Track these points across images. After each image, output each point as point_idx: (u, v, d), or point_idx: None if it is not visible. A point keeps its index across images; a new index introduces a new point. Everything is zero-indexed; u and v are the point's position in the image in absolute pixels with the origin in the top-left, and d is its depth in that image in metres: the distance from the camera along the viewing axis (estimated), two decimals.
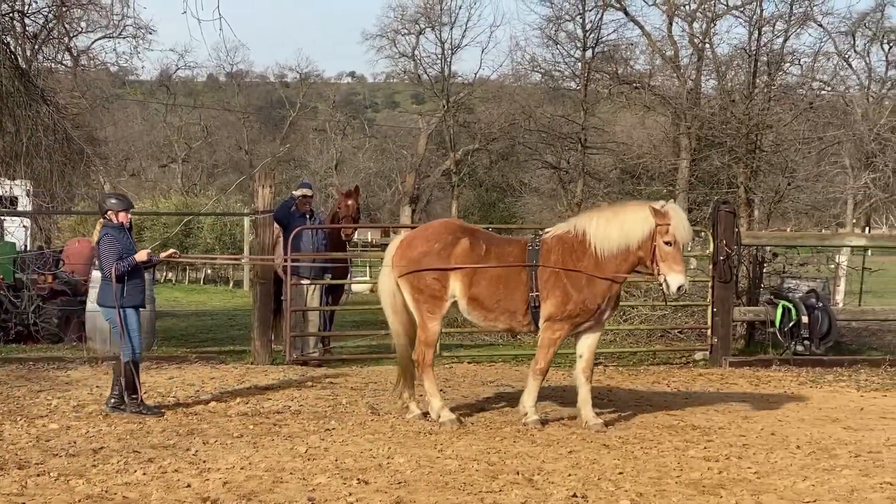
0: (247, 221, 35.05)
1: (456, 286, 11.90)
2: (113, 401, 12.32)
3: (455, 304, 12.07)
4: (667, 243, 11.35)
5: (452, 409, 12.22)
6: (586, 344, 12.05)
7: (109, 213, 12.51)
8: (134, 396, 12.27)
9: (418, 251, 12.04)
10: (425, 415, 12.10)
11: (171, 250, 13.29)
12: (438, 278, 11.89)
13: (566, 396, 13.72)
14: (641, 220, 11.48)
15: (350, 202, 17.82)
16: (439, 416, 11.90)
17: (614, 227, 11.58)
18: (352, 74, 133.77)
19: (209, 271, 48.37)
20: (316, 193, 21.27)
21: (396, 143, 70.38)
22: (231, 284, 44.86)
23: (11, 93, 17.94)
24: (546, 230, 12.40)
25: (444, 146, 60.57)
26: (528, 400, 12.03)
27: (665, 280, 11.43)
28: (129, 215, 12.68)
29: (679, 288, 11.39)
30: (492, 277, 11.87)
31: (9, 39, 19.55)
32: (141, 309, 12.55)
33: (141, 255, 12.31)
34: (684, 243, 11.60)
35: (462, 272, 11.84)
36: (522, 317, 11.93)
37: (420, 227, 13.19)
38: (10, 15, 20.17)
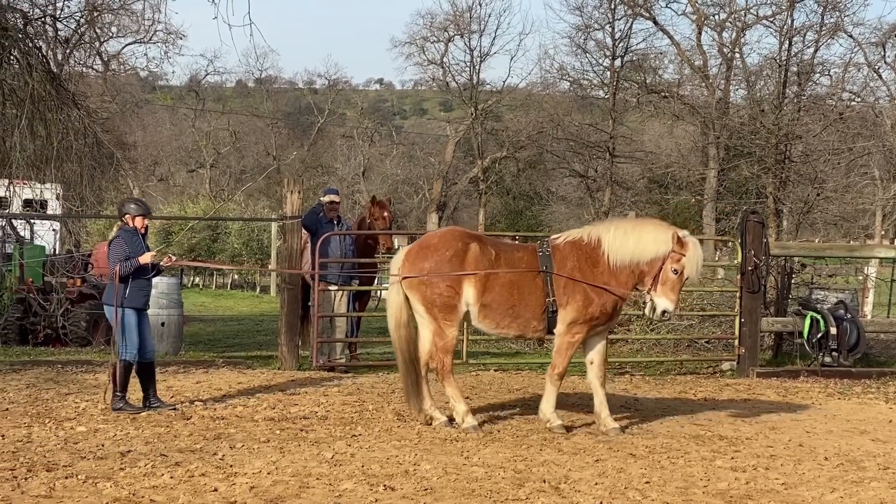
0: (274, 227, 35.13)
1: (469, 292, 11.87)
2: (146, 401, 12.53)
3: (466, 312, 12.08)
4: (674, 271, 11.64)
5: (477, 416, 12.23)
6: (596, 349, 12.24)
7: (126, 216, 12.66)
8: (119, 394, 12.45)
9: (431, 261, 11.96)
10: (451, 421, 12.09)
11: (167, 255, 13.40)
12: (452, 285, 11.85)
13: (592, 404, 13.71)
14: (661, 240, 11.73)
15: (386, 214, 17.86)
16: (464, 421, 11.90)
17: (631, 240, 11.82)
18: (380, 81, 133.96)
19: (236, 276, 48.49)
20: (343, 200, 21.29)
21: (424, 151, 70.51)
22: (258, 290, 44.94)
23: (43, 97, 18.01)
24: (555, 236, 12.47)
25: (472, 154, 60.61)
26: (548, 407, 12.07)
27: (654, 300, 11.80)
28: (146, 221, 12.81)
29: (664, 313, 11.83)
30: (505, 283, 11.90)
31: (41, 44, 19.62)
32: (145, 311, 12.76)
33: (145, 258, 12.44)
34: (689, 278, 11.88)
35: (475, 277, 11.85)
36: (538, 322, 11.99)
37: (424, 237, 13.10)
38: (43, 19, 20.25)
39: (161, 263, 13.01)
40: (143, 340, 12.64)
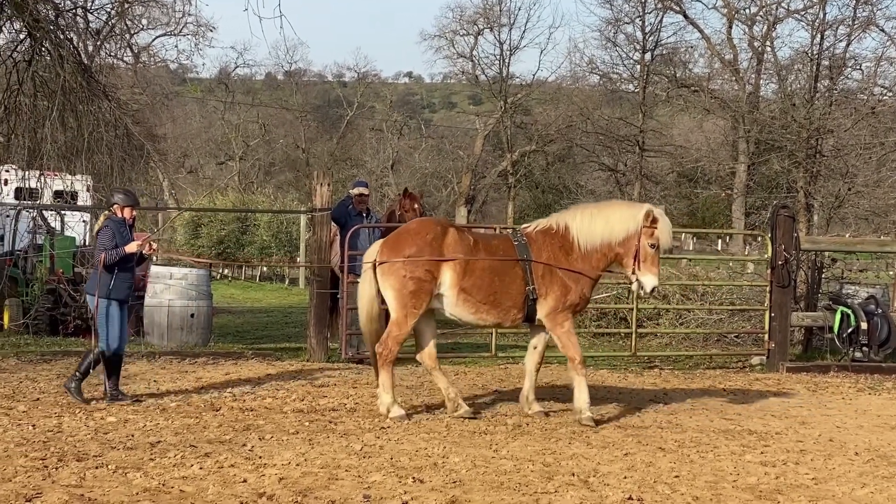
0: (303, 219, 35.17)
1: (447, 275, 11.80)
2: (73, 385, 12.59)
3: (438, 298, 11.94)
4: (651, 245, 11.81)
5: (506, 409, 12.23)
6: (541, 336, 12.51)
7: (115, 206, 12.69)
8: (112, 383, 12.54)
9: (410, 246, 11.87)
10: (477, 413, 12.09)
11: (148, 243, 13.34)
12: (430, 269, 11.78)
13: (622, 398, 13.72)
14: (629, 217, 11.92)
15: (416, 206, 17.81)
16: (388, 411, 11.88)
17: (598, 223, 12.00)
18: (409, 75, 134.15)
19: (265, 269, 48.61)
20: (372, 193, 21.31)
21: (453, 144, 70.44)
22: (287, 282, 45.01)
23: (74, 88, 18.07)
24: (525, 225, 12.57)
25: (501, 147, 60.61)
26: (582, 399, 12.04)
27: (639, 280, 11.94)
28: (134, 212, 12.83)
29: (653, 289, 12.04)
30: (485, 269, 11.90)
31: (72, 35, 19.69)
32: (126, 303, 12.88)
33: (131, 247, 12.43)
34: (665, 249, 12.14)
35: (454, 261, 11.82)
36: (518, 310, 12.05)
37: (400, 228, 13.01)
38: (74, 11, 20.32)
39: (144, 251, 12.96)
40: (121, 332, 12.71)
